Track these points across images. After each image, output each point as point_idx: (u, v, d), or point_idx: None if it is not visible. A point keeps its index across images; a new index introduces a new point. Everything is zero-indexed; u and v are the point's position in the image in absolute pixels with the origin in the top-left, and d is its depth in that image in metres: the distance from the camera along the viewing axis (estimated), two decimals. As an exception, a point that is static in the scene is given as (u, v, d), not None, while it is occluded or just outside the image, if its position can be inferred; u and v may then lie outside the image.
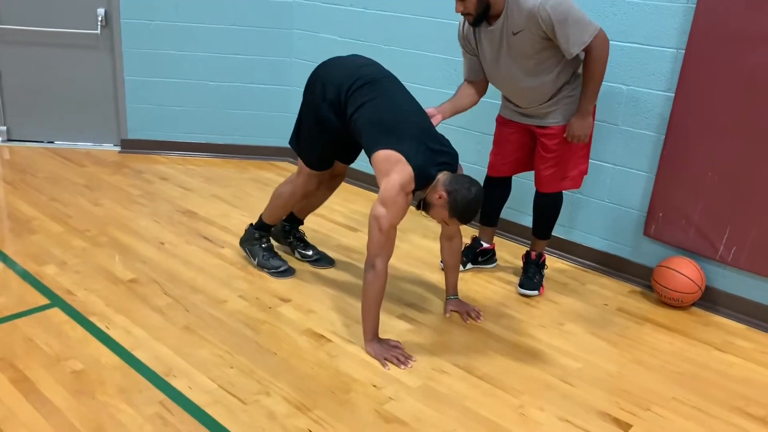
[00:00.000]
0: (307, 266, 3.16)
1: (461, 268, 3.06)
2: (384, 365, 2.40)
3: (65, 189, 3.89)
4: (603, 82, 2.85)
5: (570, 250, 3.42)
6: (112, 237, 3.31)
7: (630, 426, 2.18)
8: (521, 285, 3.03)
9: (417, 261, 3.28)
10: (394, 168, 2.35)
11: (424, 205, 2.45)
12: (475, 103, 2.93)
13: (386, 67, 3.91)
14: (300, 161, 2.86)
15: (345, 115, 2.57)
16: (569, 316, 2.87)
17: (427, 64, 3.83)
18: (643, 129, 3.07)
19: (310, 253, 3.22)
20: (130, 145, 4.66)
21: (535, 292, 3.00)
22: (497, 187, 3.11)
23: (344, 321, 2.69)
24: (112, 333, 2.49)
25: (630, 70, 3.04)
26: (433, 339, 2.62)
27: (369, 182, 4.20)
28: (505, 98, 2.93)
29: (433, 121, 2.69)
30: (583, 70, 2.66)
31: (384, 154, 2.39)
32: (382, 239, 2.37)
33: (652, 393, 2.37)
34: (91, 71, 4.54)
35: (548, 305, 2.96)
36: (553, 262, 3.36)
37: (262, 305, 2.78)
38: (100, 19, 4.37)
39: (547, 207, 3.01)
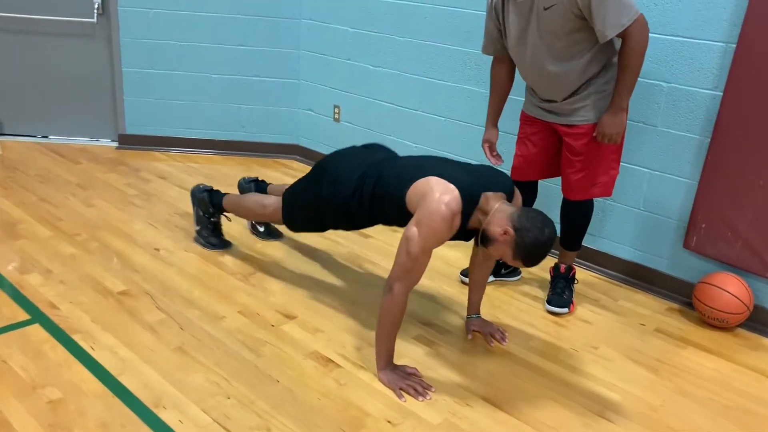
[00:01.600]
0: (314, 277, 2.89)
1: None
2: (399, 396, 2.14)
3: (57, 188, 3.64)
4: (640, 78, 2.59)
5: (600, 261, 3.14)
6: (104, 242, 3.05)
7: (680, 473, 1.92)
8: (549, 301, 2.76)
9: (432, 272, 3.00)
10: (434, 187, 2.05)
11: (482, 239, 2.12)
12: (511, 84, 2.70)
13: (402, 59, 3.63)
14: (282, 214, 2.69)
15: (362, 203, 2.33)
16: (603, 338, 2.60)
17: (445, 57, 3.55)
18: (684, 131, 2.79)
19: (261, 229, 3.25)
20: (128, 141, 4.40)
21: (565, 310, 2.73)
22: (522, 193, 2.83)
23: (355, 342, 2.43)
24: (97, 354, 2.24)
25: (672, 65, 2.75)
26: (454, 365, 2.35)
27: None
28: (529, 90, 2.64)
29: (494, 162, 2.72)
30: (618, 60, 2.38)
31: (417, 182, 2.12)
32: (408, 264, 2.07)
33: (702, 431, 2.10)
34: (88, 62, 4.28)
35: (579, 325, 2.69)
36: (582, 275, 3.09)
37: (263, 323, 2.52)
38: (96, 6, 4.11)
39: (577, 216, 2.73)
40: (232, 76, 4.29)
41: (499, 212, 2.05)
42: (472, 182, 2.09)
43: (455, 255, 3.16)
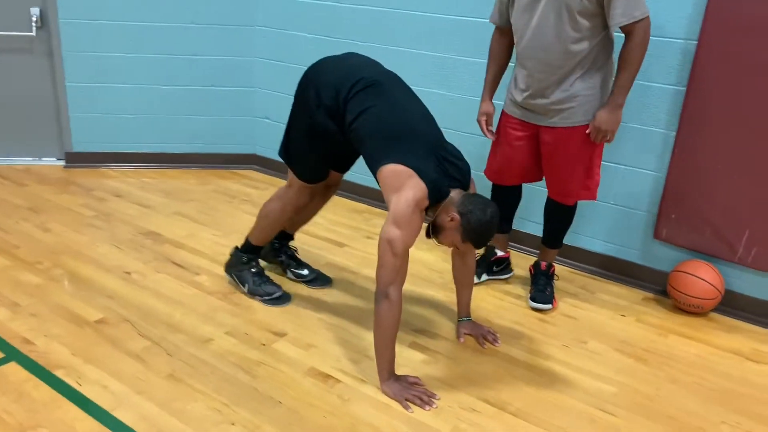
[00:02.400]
0: (300, 289, 2.84)
1: (476, 279, 2.80)
2: (406, 407, 2.12)
3: (6, 214, 3.43)
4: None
5: (574, 256, 3.21)
6: (69, 269, 2.90)
7: (687, 460, 1.98)
8: (533, 299, 2.80)
9: (416, 278, 2.99)
10: (406, 183, 2.08)
11: (433, 229, 2.19)
12: (509, 59, 2.70)
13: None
14: (291, 173, 2.55)
15: (344, 123, 2.28)
16: (589, 332, 2.66)
17: (412, 62, 3.55)
18: (650, 126, 2.88)
19: (305, 272, 2.90)
20: (75, 159, 4.20)
21: (548, 306, 2.78)
22: (507, 196, 2.86)
23: (350, 355, 2.40)
24: (85, 390, 2.12)
25: (635, 63, 2.84)
26: (453, 370, 2.36)
27: (349, 190, 3.89)
28: (514, 85, 2.61)
29: (489, 136, 2.69)
30: (620, 57, 2.41)
31: (393, 169, 2.12)
32: (397, 264, 2.08)
33: (699, 417, 2.18)
34: (27, 78, 4.05)
35: (564, 320, 2.74)
36: (559, 270, 3.14)
37: (253, 342, 2.45)
38: (34, 19, 3.89)
39: (563, 217, 2.77)
40: (183, 86, 4.15)
41: (449, 203, 2.13)
42: (443, 176, 2.14)
43: (433, 258, 3.17)
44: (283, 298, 2.72)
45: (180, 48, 4.05)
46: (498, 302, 2.86)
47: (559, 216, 2.77)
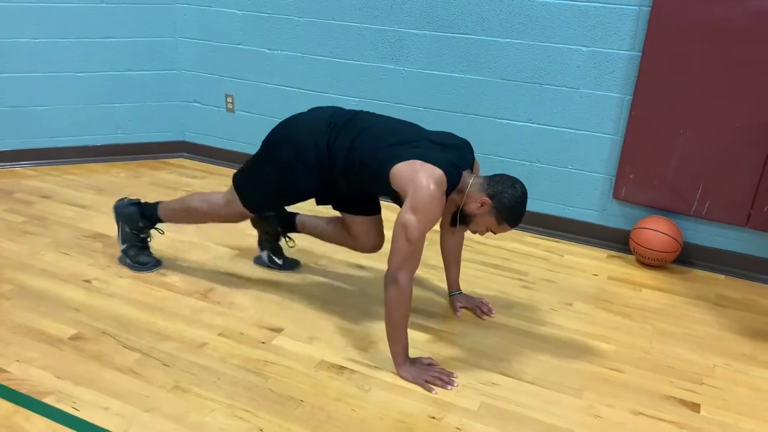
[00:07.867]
0: (277, 281, 2.73)
1: None
2: (429, 390, 2.11)
3: None
4: (559, 45, 2.88)
5: (536, 221, 3.30)
6: (18, 283, 2.62)
7: (698, 405, 2.11)
8: None
9: (390, 257, 2.96)
10: (419, 170, 2.03)
11: (461, 218, 2.16)
12: None
13: (304, 41, 3.45)
14: (233, 193, 2.47)
15: (335, 168, 2.23)
16: (571, 294, 2.75)
17: (355, 36, 3.45)
18: (605, 91, 2.99)
19: (280, 262, 2.86)
20: (-19, 159, 3.78)
21: None
22: None
23: (355, 343, 2.34)
24: (86, 414, 1.93)
25: (589, 30, 2.93)
26: (460, 346, 2.37)
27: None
28: None
29: None
30: None
31: (402, 164, 2.08)
32: (408, 250, 2.04)
33: (694, 364, 2.32)
34: None
35: (544, 285, 2.82)
36: (523, 236, 3.24)
37: (251, 341, 2.33)
38: None
39: None
40: (100, 72, 3.83)
41: (473, 190, 2.12)
42: (449, 161, 2.09)
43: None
44: (152, 266, 2.76)
45: (93, 30, 3.72)
46: (477, 273, 2.89)
47: None
